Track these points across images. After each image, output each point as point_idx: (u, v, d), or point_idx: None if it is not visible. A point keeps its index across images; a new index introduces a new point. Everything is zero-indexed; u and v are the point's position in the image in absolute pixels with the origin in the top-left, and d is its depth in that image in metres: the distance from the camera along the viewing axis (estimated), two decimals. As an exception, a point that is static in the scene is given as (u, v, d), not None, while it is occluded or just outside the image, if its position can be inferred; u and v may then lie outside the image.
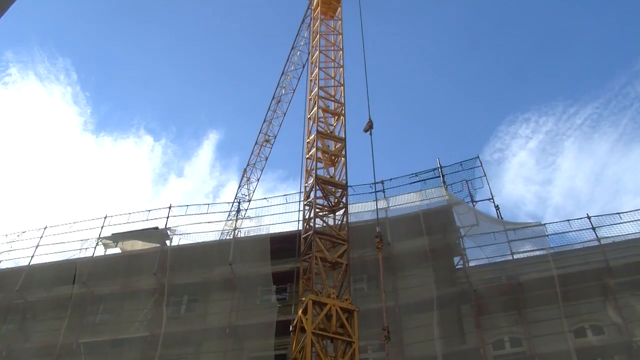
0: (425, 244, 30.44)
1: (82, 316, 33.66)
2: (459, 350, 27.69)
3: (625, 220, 29.51)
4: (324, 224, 26.69)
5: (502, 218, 32.36)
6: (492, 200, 33.24)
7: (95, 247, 35.71)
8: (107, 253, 36.61)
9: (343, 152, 28.76)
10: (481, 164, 34.14)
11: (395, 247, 30.74)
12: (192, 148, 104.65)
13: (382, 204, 32.56)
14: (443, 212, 31.75)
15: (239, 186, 48.93)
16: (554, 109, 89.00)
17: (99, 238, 36.20)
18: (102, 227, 36.53)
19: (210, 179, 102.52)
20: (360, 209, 32.82)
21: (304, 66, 45.33)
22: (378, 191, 33.12)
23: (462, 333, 28.54)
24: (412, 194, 33.36)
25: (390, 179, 34.00)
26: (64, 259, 35.84)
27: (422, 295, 29.09)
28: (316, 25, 34.31)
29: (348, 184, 28.12)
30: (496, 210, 32.95)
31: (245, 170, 49.07)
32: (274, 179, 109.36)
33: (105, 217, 37.05)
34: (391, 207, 32.82)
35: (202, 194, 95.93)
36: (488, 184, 33.58)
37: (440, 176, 33.89)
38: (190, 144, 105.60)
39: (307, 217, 26.64)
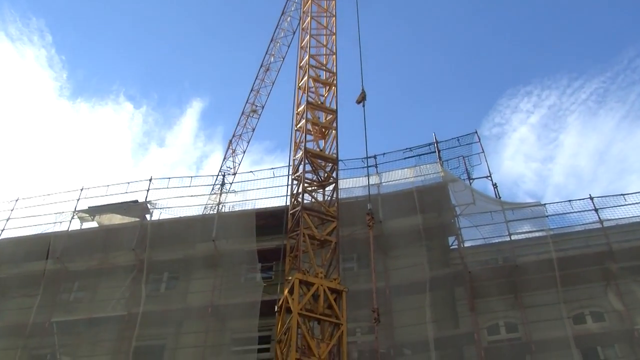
0: (419, 223, 30.41)
1: (56, 294, 33.51)
2: (452, 335, 27.79)
3: (630, 202, 29.36)
4: (313, 200, 26.64)
5: (499, 197, 32.24)
6: (489, 177, 33.08)
7: (70, 221, 35.50)
8: (83, 227, 36.42)
9: (334, 125, 28.61)
10: (479, 139, 34.08)
11: (387, 225, 30.66)
12: (175, 116, 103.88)
13: (374, 179, 32.53)
14: (438, 189, 31.70)
15: (224, 158, 48.83)
16: (557, 82, 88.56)
17: (74, 211, 35.98)
18: (78, 200, 36.31)
19: (193, 149, 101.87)
20: (351, 185, 32.86)
21: (294, 33, 44.99)
22: (370, 166, 33.14)
23: (455, 317, 28.51)
24: (405, 169, 33.34)
25: (384, 154, 34.04)
26: (36, 232, 35.58)
27: (414, 276, 29.12)
28: (308, -11, 33.85)
29: (339, 158, 28.05)
30: (494, 188, 32.84)
31: (230, 141, 48.88)
32: (260, 150, 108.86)
33: (81, 189, 36.82)
34: (384, 183, 32.83)
35: (185, 166, 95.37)
36: (486, 160, 33.51)
37: (435, 152, 33.81)
38: (173, 112, 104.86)
39: (295, 192, 26.57)
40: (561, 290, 27.57)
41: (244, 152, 48.87)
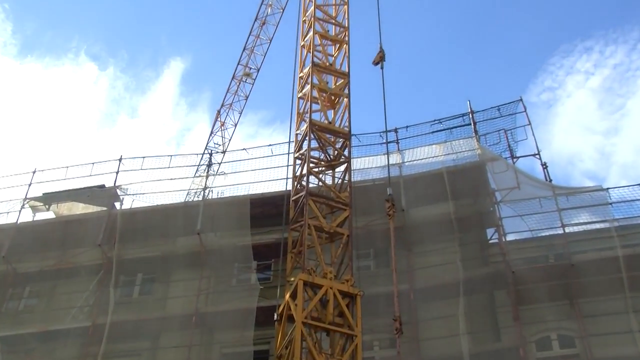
0: (450, 211, 30.68)
1: (0, 302, 33.89)
2: (492, 350, 27.71)
3: None
4: (320, 184, 26.83)
5: (550, 179, 32.26)
6: (538, 156, 33.12)
7: (19, 211, 35.85)
8: (36, 219, 36.81)
9: (346, 91, 28.74)
10: (525, 108, 34.20)
11: (412, 214, 30.99)
12: (149, 80, 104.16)
13: (395, 158, 32.78)
14: (474, 170, 31.96)
15: (211, 133, 48.82)
16: (626, 35, 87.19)
17: (25, 199, 36.31)
18: (29, 185, 36.69)
19: (173, 120, 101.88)
20: (367, 165, 33.20)
21: (296, -23, 44.95)
22: (390, 142, 33.28)
23: (495, 327, 28.57)
24: (433, 146, 33.53)
25: (407, 127, 34.32)
26: (-25, 226, 35.93)
27: (444, 277, 29.38)
28: None
29: (352, 132, 28.31)
30: (543, 169, 32.85)
31: (219, 112, 48.92)
32: (255, 122, 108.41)
33: (33, 172, 37.18)
34: (407, 163, 33.13)
35: (163, 141, 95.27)
36: (533, 134, 33.61)
37: (470, 124, 34.08)
38: (147, 75, 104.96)
39: (298, 174, 26.76)
40: (630, 296, 27.38)
41: (236, 125, 49.04)
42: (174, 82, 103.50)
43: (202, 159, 41.72)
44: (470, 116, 34.24)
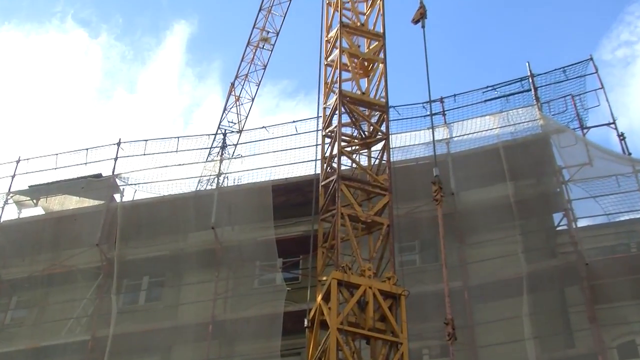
0: (509, 194, 30.65)
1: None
2: (564, 357, 27.76)
3: None
4: (354, 165, 26.75)
5: (629, 153, 31.99)
6: (613, 125, 32.82)
7: (2, 208, 36.31)
8: (22, 216, 37.16)
9: (381, 55, 28.50)
10: (596, 69, 33.94)
11: (463, 198, 31.17)
12: (149, 49, 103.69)
13: (441, 133, 32.88)
14: (536, 144, 31.88)
15: (224, 109, 48.67)
16: None
17: (8, 193, 36.69)
18: (12, 177, 37.04)
19: (179, 95, 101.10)
20: (409, 141, 33.38)
21: None
22: (436, 114, 33.49)
23: (567, 331, 28.46)
24: (487, 117, 33.49)
25: (454, 96, 34.39)
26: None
27: (504, 271, 29.39)
28: None
29: (389, 104, 28.16)
30: (620, 140, 32.40)
31: (233, 84, 48.80)
32: (276, 95, 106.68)
33: (17, 161, 37.54)
34: (456, 138, 33.21)
35: (168, 121, 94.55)
36: (607, 99, 33.27)
37: (531, 90, 34.00)
38: (146, 43, 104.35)
39: (328, 154, 26.76)
40: None
41: (253, 99, 48.86)
42: (178, 50, 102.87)
43: (214, 140, 41.88)
44: (530, 80, 34.07)
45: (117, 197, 36.02)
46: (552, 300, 29.18)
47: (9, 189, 36.52)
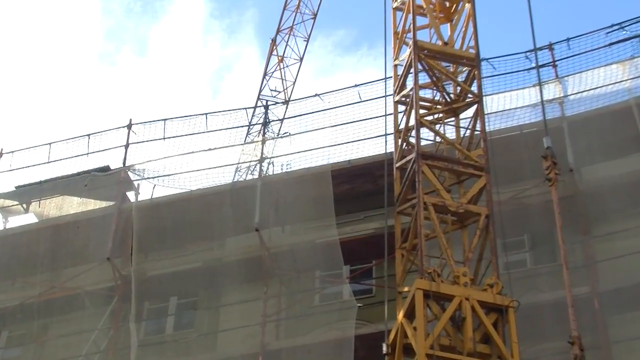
0: (648, 168, 30.01)
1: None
2: None
3: None
4: (438, 139, 26.62)
5: None
6: None
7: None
8: (9, 226, 37.26)
9: (467, -6, 28.33)
10: None
11: (586, 176, 30.74)
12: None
13: (552, 90, 32.33)
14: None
15: (265, 74, 48.94)
16: None
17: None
18: (-7, 175, 37.08)
19: (203, 57, 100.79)
20: (509, 104, 33.03)
21: None
22: (544, 65, 32.87)
23: None
24: (613, 66, 33.04)
25: (567, 40, 33.87)
26: None
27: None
28: None
29: (481, 57, 28.12)
30: None
31: (274, 40, 49.08)
32: (330, 49, 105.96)
33: (0, 154, 37.46)
34: (572, 97, 32.78)
35: (191, 91, 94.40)
36: None
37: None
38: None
39: (403, 126, 26.73)
40: None
41: (301, 59, 49.24)
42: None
43: (254, 115, 41.68)
44: (668, 14, 33.53)
45: (130, 195, 35.84)
46: None
47: (-10, 192, 36.62)
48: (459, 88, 27.16)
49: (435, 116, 26.96)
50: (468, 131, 26.73)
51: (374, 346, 24.74)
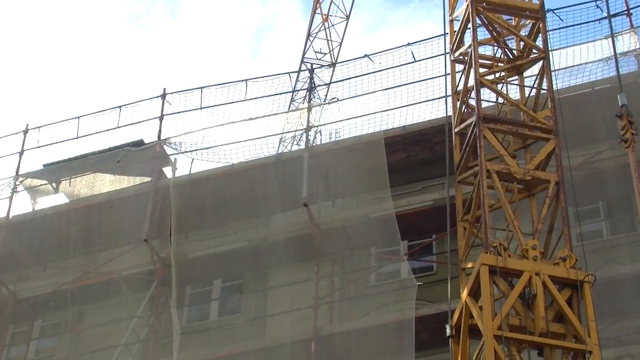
0: None
1: (-2, 344, 34.80)
2: None
3: None
4: (501, 100, 26.60)
5: None
6: None
7: (10, 198, 36.66)
8: (37, 207, 37.49)
9: None
10: None
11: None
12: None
13: (626, 42, 32.30)
14: None
15: (308, 34, 48.79)
16: None
17: (16, 176, 37.08)
18: (20, 154, 37.59)
19: (240, 15, 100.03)
20: (578, 59, 32.87)
21: None
22: (617, 14, 32.81)
23: None
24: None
25: (641, -16, 33.40)
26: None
27: None
28: None
29: (546, 7, 27.95)
30: None
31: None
32: (379, 2, 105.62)
33: (25, 131, 37.99)
34: (650, 49, 32.33)
35: (229, 55, 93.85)
36: None
37: None
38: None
39: (461, 88, 26.75)
40: None
41: (348, 17, 49.04)
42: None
43: (297, 80, 41.69)
44: None
45: (167, 171, 35.94)
46: None
47: (17, 171, 36.94)
48: (522, 43, 27.10)
49: (497, 75, 26.85)
50: (534, 90, 26.69)
51: (436, 328, 24.85)
